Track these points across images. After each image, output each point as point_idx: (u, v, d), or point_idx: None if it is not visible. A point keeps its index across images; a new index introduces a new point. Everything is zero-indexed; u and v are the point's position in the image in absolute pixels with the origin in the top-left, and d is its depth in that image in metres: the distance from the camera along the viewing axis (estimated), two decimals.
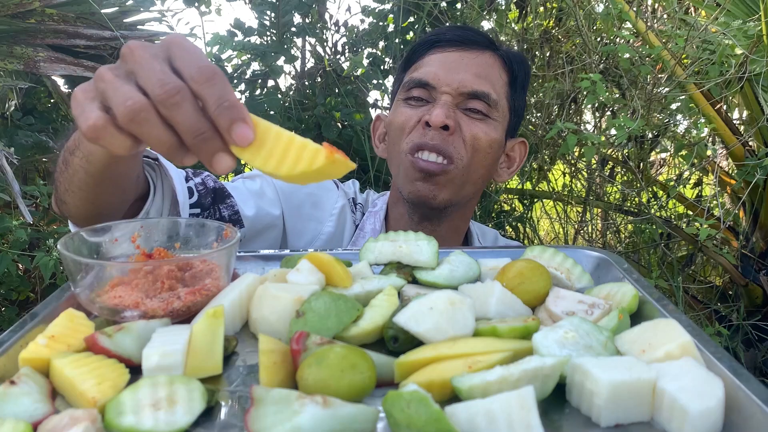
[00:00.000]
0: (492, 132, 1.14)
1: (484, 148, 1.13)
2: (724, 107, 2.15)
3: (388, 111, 1.39)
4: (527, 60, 1.23)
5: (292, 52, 2.25)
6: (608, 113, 2.55)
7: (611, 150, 2.49)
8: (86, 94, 0.55)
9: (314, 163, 0.56)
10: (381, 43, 2.38)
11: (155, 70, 0.53)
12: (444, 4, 2.20)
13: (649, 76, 2.08)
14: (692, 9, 2.41)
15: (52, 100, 2.70)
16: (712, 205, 2.42)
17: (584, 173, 2.57)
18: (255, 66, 2.31)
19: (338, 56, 2.47)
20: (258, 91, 2.38)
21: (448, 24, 2.25)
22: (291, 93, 2.39)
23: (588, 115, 2.69)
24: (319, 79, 2.47)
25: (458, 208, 1.19)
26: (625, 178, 2.68)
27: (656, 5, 2.52)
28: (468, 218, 1.28)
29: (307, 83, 2.47)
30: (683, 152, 2.21)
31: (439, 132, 1.10)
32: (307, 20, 2.33)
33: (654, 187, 2.59)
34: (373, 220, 1.27)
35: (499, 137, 1.16)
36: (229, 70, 2.26)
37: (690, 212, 2.53)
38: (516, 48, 2.47)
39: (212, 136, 0.54)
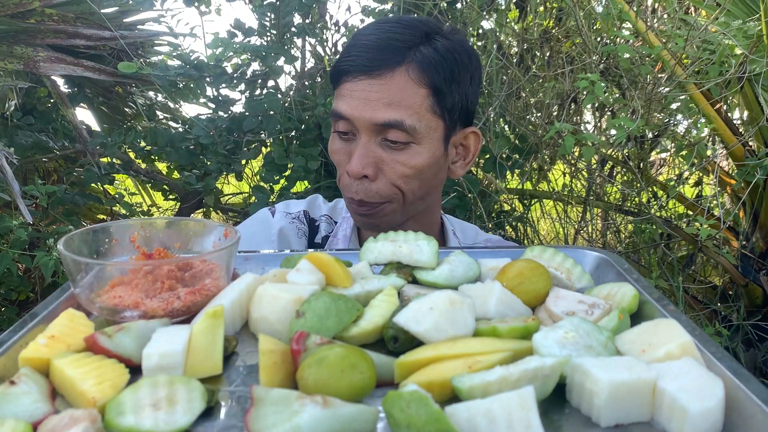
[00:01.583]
0: (418, 158, 1.07)
1: (414, 175, 1.08)
2: (724, 107, 2.15)
3: None
4: (458, 50, 1.09)
5: (292, 52, 2.25)
6: (608, 113, 2.55)
7: (611, 150, 2.49)
8: None
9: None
10: None
11: None
12: (444, 4, 2.20)
13: (649, 76, 2.08)
14: (692, 9, 2.41)
15: (52, 100, 2.70)
16: (712, 205, 2.42)
17: (584, 173, 2.57)
18: (255, 66, 2.31)
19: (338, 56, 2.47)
20: (258, 91, 2.38)
21: (447, 24, 2.25)
22: (291, 93, 2.39)
23: (588, 115, 2.69)
24: (319, 79, 2.48)
25: (416, 218, 1.18)
26: (625, 178, 2.68)
27: (656, 5, 2.52)
28: (434, 216, 1.25)
29: (307, 83, 2.47)
30: (683, 152, 2.21)
31: (361, 182, 1.07)
32: (307, 20, 2.33)
33: (654, 187, 2.59)
34: (345, 226, 1.28)
35: (429, 158, 1.09)
36: (229, 70, 2.26)
37: (690, 212, 2.53)
38: (516, 48, 2.47)
39: None
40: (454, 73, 1.08)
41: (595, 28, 2.26)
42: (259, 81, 2.35)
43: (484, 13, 2.30)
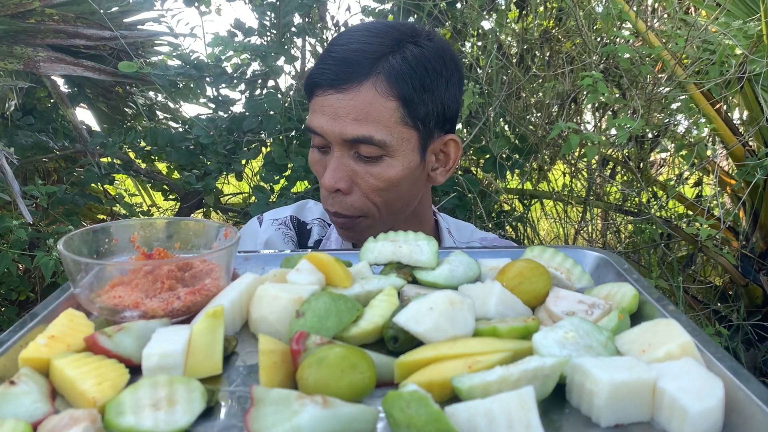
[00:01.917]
0: (391, 171, 1.06)
1: (389, 188, 1.07)
2: (724, 107, 2.15)
3: None
4: (429, 57, 1.07)
5: (292, 52, 2.25)
6: (608, 113, 2.55)
7: (611, 150, 2.49)
8: None
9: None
10: None
11: None
12: (444, 4, 2.20)
13: (649, 76, 2.08)
14: (692, 9, 2.41)
15: (52, 100, 2.70)
16: (712, 205, 2.42)
17: (584, 173, 2.57)
18: (255, 66, 2.31)
19: None
20: (258, 91, 2.38)
21: (447, 24, 2.25)
22: (291, 93, 2.39)
23: (588, 115, 2.69)
24: None
25: (406, 219, 1.18)
26: (625, 178, 2.68)
27: (656, 5, 2.52)
28: (424, 216, 1.24)
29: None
30: (683, 152, 2.22)
31: (336, 195, 1.08)
32: (307, 20, 2.33)
33: (654, 187, 2.59)
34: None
35: (402, 170, 1.07)
36: (229, 70, 2.26)
37: (690, 212, 2.53)
38: (516, 48, 2.47)
39: None
40: (424, 81, 1.06)
41: (595, 28, 2.26)
42: (259, 81, 2.35)
43: (484, 13, 2.30)
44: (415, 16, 2.25)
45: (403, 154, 1.07)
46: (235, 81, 2.28)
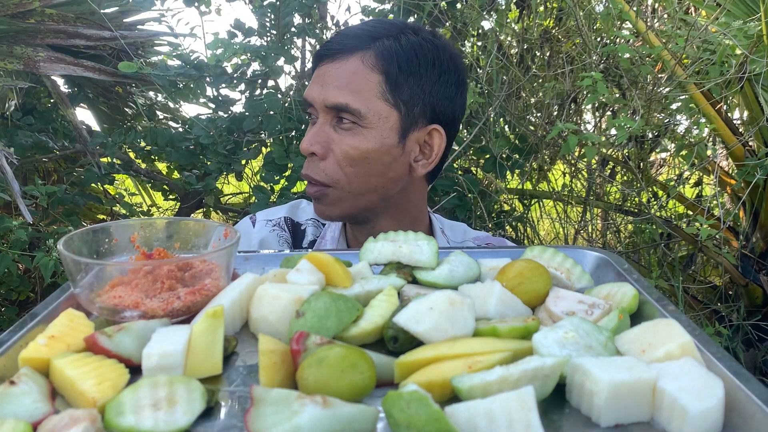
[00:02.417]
0: (362, 142, 1.08)
1: (360, 160, 1.09)
2: (724, 107, 2.15)
3: None
4: (426, 46, 1.11)
5: (292, 52, 2.25)
6: (608, 113, 2.55)
7: (611, 150, 2.49)
8: None
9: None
10: None
11: None
12: (444, 4, 2.20)
13: (649, 76, 2.08)
14: (692, 9, 2.41)
15: (52, 100, 2.70)
16: (712, 205, 2.42)
17: (584, 173, 2.57)
18: (255, 66, 2.31)
19: None
20: (258, 91, 2.38)
21: (447, 24, 2.25)
22: (291, 93, 2.39)
23: (588, 115, 2.69)
24: None
25: (380, 211, 1.17)
26: (625, 178, 2.68)
27: (656, 5, 2.52)
28: (418, 214, 1.24)
29: (307, 83, 2.47)
30: (683, 152, 2.22)
31: (311, 159, 1.11)
32: (307, 20, 2.33)
33: (654, 187, 2.59)
34: (333, 227, 1.29)
35: (376, 144, 1.09)
36: (229, 70, 2.26)
37: (690, 212, 2.53)
38: (516, 48, 2.47)
39: None
40: (412, 65, 1.10)
41: (595, 28, 2.26)
42: (259, 81, 2.35)
43: (484, 13, 2.30)
44: (415, 16, 2.25)
45: (379, 131, 1.09)
46: (235, 81, 2.28)
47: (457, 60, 1.16)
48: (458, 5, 2.35)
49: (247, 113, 2.20)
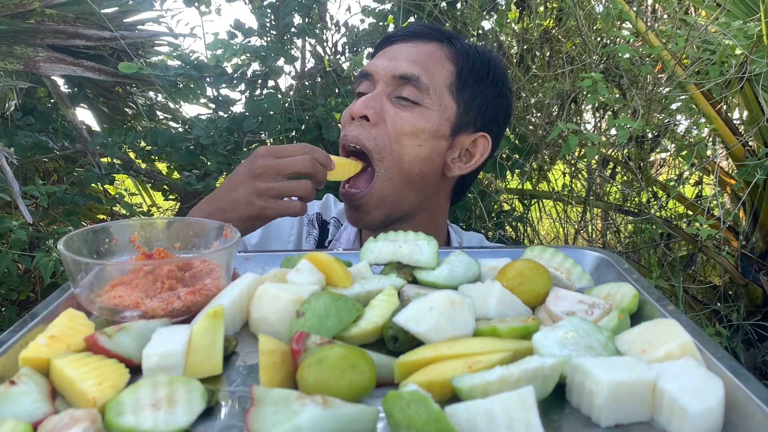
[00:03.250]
0: (420, 120, 1.09)
1: (411, 135, 1.09)
2: (724, 107, 2.15)
3: None
4: (496, 64, 1.18)
5: (292, 52, 2.25)
6: (609, 113, 2.55)
7: (611, 150, 2.49)
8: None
9: (354, 169, 1.09)
10: None
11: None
12: (444, 4, 2.20)
13: (649, 76, 2.08)
14: (692, 9, 2.41)
15: (52, 100, 2.70)
16: (712, 205, 2.42)
17: (584, 173, 2.57)
18: (255, 66, 2.31)
19: (338, 56, 2.47)
20: (258, 92, 2.38)
21: (447, 24, 2.25)
22: (291, 93, 2.39)
23: (588, 115, 2.69)
24: (319, 80, 2.47)
25: (411, 217, 1.17)
26: (625, 178, 2.68)
27: (656, 5, 2.52)
28: (437, 222, 1.24)
29: (307, 84, 2.47)
30: (684, 152, 2.21)
31: (360, 123, 1.10)
32: (307, 21, 2.33)
33: (654, 187, 2.59)
34: (350, 230, 1.28)
35: (432, 127, 1.10)
36: (229, 70, 2.26)
37: (690, 212, 2.53)
38: (516, 48, 2.47)
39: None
40: (482, 72, 1.15)
41: (595, 28, 2.26)
42: (259, 81, 2.35)
43: (484, 13, 2.30)
44: (415, 16, 2.25)
45: (436, 116, 1.11)
46: (235, 81, 2.28)
47: (510, 93, 1.23)
48: (458, 5, 2.35)
49: (247, 113, 2.20)
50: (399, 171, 1.10)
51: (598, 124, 2.58)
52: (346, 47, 2.46)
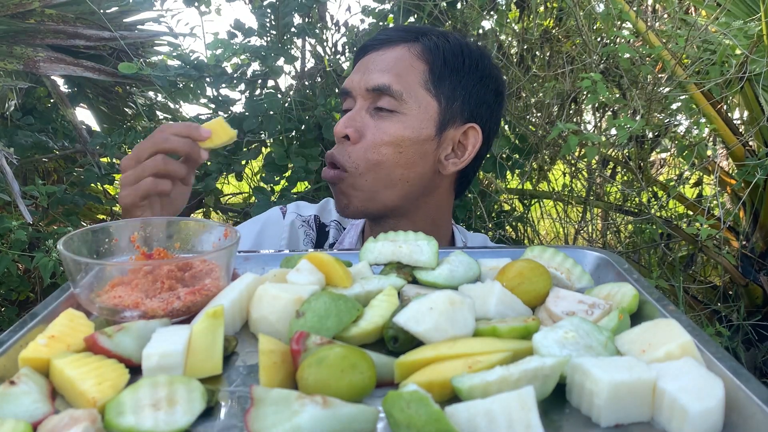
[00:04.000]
0: (400, 128, 1.08)
1: (392, 144, 1.08)
2: (725, 107, 2.15)
3: None
4: (471, 48, 1.15)
5: (292, 52, 2.25)
6: (609, 113, 2.55)
7: (612, 150, 2.49)
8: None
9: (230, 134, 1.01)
10: None
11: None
12: (444, 4, 2.20)
13: (649, 76, 2.08)
14: (692, 9, 2.41)
15: (52, 100, 2.70)
16: (712, 205, 2.42)
17: (584, 173, 2.57)
18: (255, 66, 2.31)
19: (338, 56, 2.47)
20: (258, 92, 2.38)
21: (447, 24, 2.25)
22: (291, 93, 2.39)
23: (588, 115, 2.69)
24: (319, 80, 2.47)
25: (401, 213, 1.16)
26: (626, 178, 2.68)
27: (656, 5, 2.52)
28: (439, 221, 1.22)
29: (307, 83, 2.47)
30: (684, 152, 2.21)
31: (341, 143, 1.10)
32: (307, 20, 2.33)
33: (654, 187, 2.59)
34: (353, 233, 1.27)
35: (413, 133, 1.08)
36: (229, 70, 2.26)
37: (690, 212, 2.53)
38: (516, 48, 2.47)
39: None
40: (457, 61, 1.12)
41: (595, 28, 2.26)
42: (259, 81, 2.35)
43: (484, 13, 2.30)
44: (415, 16, 2.25)
45: (417, 119, 1.09)
46: (235, 81, 2.28)
47: (497, 71, 1.19)
48: (458, 5, 2.35)
49: (247, 113, 2.20)
50: (373, 178, 1.10)
51: (598, 124, 2.58)
52: (346, 47, 2.46)
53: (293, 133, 2.21)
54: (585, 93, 2.19)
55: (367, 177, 1.10)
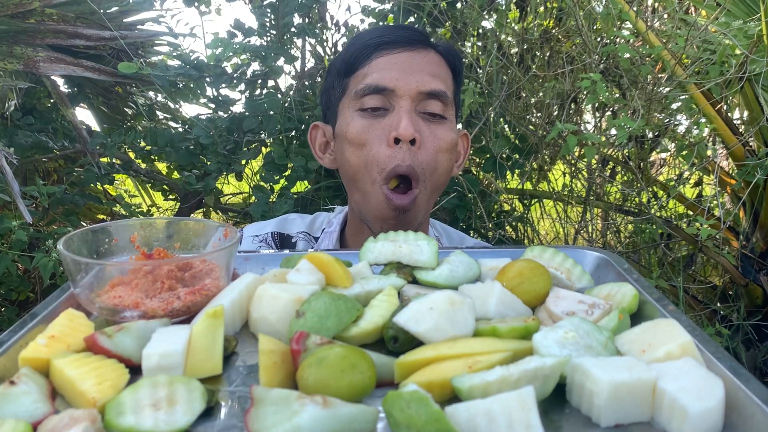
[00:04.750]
0: (450, 133, 1.08)
1: (447, 151, 1.07)
2: (725, 107, 2.15)
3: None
4: (459, 52, 1.20)
5: (292, 52, 2.25)
6: (608, 113, 2.55)
7: (611, 150, 2.49)
8: None
9: None
10: None
11: None
12: (444, 4, 2.20)
13: (649, 76, 2.08)
14: (692, 9, 2.41)
15: (51, 100, 2.70)
16: (712, 205, 2.42)
17: (584, 173, 2.57)
18: (255, 66, 2.31)
19: None
20: (258, 91, 2.38)
21: (447, 24, 2.25)
22: (291, 93, 2.39)
23: (588, 115, 2.69)
24: (319, 79, 2.47)
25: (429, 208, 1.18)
26: (626, 178, 2.68)
27: (656, 5, 2.52)
28: (424, 217, 1.22)
29: (307, 83, 2.47)
30: (684, 152, 2.21)
31: (410, 148, 1.03)
32: (307, 20, 2.33)
33: (654, 187, 2.59)
34: (327, 241, 1.24)
35: (456, 138, 1.10)
36: (229, 70, 2.26)
37: (690, 212, 2.53)
38: (516, 48, 2.47)
39: None
40: (460, 67, 1.16)
41: (595, 28, 2.26)
42: (259, 81, 2.35)
43: (484, 13, 2.30)
44: (415, 16, 2.25)
45: (453, 124, 1.11)
46: (235, 81, 2.28)
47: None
48: (458, 5, 2.35)
49: (247, 113, 2.20)
50: (434, 186, 1.09)
51: (598, 124, 2.58)
52: None
53: (293, 133, 2.21)
54: (585, 93, 2.19)
55: (436, 183, 1.08)
